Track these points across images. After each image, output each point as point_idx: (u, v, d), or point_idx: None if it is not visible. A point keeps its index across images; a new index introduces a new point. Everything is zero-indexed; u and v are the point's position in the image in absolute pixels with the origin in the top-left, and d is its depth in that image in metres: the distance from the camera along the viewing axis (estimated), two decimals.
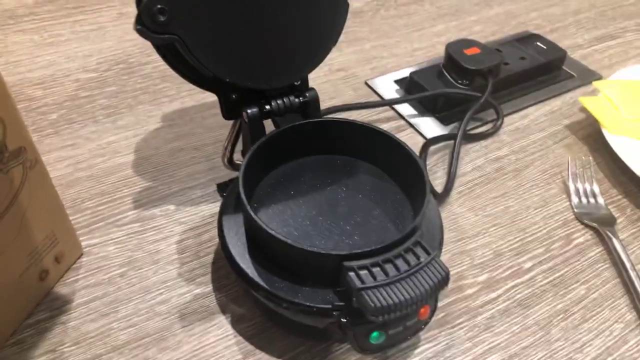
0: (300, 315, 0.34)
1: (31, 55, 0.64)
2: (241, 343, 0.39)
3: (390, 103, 0.60)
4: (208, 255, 0.44)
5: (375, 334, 0.34)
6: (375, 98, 0.62)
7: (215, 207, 0.48)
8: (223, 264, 0.43)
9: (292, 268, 0.35)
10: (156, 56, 0.39)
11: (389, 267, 0.33)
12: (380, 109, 0.60)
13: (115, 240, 0.45)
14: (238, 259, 0.36)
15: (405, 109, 0.60)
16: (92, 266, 0.43)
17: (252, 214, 0.34)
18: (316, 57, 0.43)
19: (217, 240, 0.45)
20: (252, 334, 0.39)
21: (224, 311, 0.40)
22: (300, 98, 0.43)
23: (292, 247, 0.33)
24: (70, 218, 0.45)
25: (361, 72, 0.65)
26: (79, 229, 0.45)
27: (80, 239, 0.44)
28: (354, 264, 0.32)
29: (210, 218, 0.47)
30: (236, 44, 0.38)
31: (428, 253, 0.33)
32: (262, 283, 0.35)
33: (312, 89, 0.44)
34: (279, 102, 0.42)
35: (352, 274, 0.32)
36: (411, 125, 0.58)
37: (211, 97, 0.59)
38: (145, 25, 0.34)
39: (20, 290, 0.37)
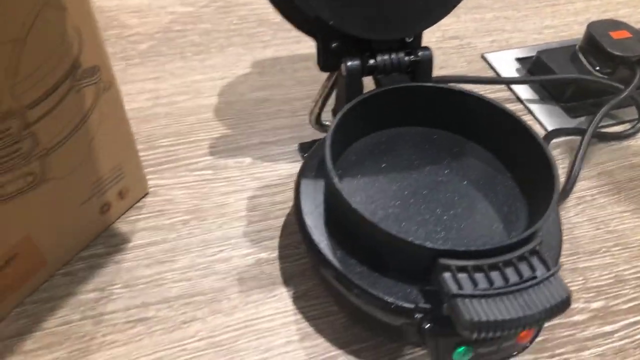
0: (374, 308, 0.29)
1: None
2: (300, 322, 0.34)
3: (509, 82, 0.52)
4: (278, 219, 0.40)
5: (461, 349, 0.28)
6: (491, 74, 0.54)
7: (294, 167, 0.43)
8: (293, 231, 0.39)
9: (374, 253, 0.29)
10: None
11: (495, 275, 0.26)
12: (495, 87, 0.52)
13: (185, 184, 0.41)
14: (312, 229, 0.31)
15: (525, 91, 0.52)
16: (156, 208, 0.40)
17: (337, 183, 0.29)
18: (434, 14, 0.36)
19: (290, 203, 0.41)
20: (314, 315, 0.34)
21: (286, 283, 0.36)
22: (411, 56, 0.36)
23: (380, 230, 0.27)
24: (143, 154, 0.43)
25: (478, 44, 0.57)
26: (149, 166, 0.42)
27: (149, 177, 0.41)
28: (453, 263, 0.26)
29: (287, 179, 0.42)
30: None
31: (547, 267, 0.26)
32: (336, 263, 0.30)
33: (426, 48, 0.37)
34: (385, 57, 0.36)
35: (447, 274, 0.26)
36: (530, 112, 0.50)
37: (306, 49, 0.54)
38: None
39: (79, 220, 0.35)
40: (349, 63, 0.35)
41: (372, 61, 0.35)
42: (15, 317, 0.33)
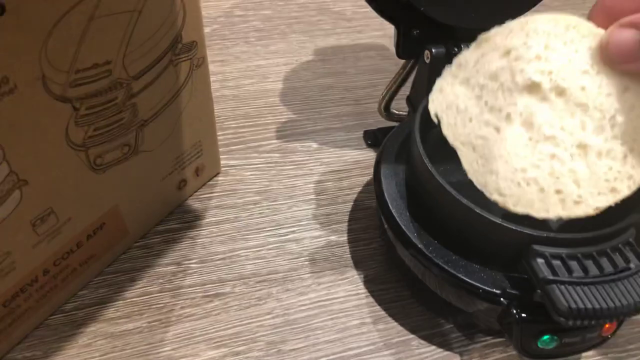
0: (459, 292, 0.29)
1: None
2: (373, 305, 0.34)
3: None
4: (346, 204, 0.40)
5: (546, 337, 0.28)
6: None
7: (359, 154, 0.44)
8: (361, 216, 0.39)
9: (462, 237, 0.29)
10: None
11: (589, 264, 0.26)
12: None
13: (254, 166, 0.42)
14: (395, 213, 0.31)
15: None
16: (228, 187, 0.40)
17: (428, 163, 0.29)
18: (523, 4, 0.36)
19: (357, 189, 0.41)
20: (386, 299, 0.35)
21: (357, 266, 0.36)
22: None
23: (474, 213, 0.27)
24: None
25: None
26: (219, 147, 0.43)
27: (220, 157, 0.42)
28: (547, 250, 0.26)
29: (352, 165, 0.43)
30: None
31: None
32: (421, 246, 0.30)
33: None
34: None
35: (541, 260, 0.26)
36: None
37: (367, 39, 0.55)
38: None
39: (158, 194, 0.36)
40: (434, 50, 0.35)
41: (456, 49, 0.36)
42: (96, 286, 0.34)
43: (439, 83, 0.29)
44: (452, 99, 0.28)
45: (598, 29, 0.26)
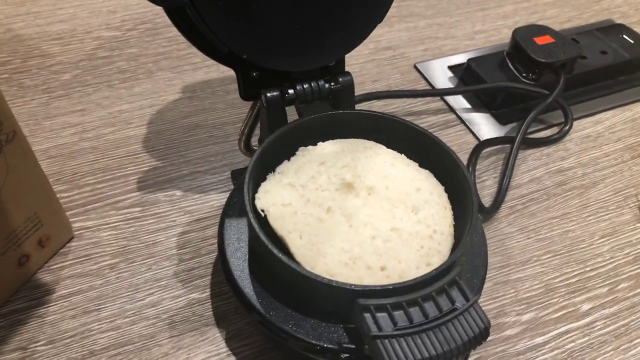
0: (301, 350, 0.29)
1: (54, 7, 0.59)
2: None
3: (442, 93, 0.52)
4: (210, 255, 0.39)
5: None
6: (424, 85, 0.54)
7: (225, 197, 0.42)
8: None
9: (297, 294, 0.29)
10: None
11: (414, 311, 0.26)
12: (429, 98, 0.52)
13: (111, 225, 0.40)
14: (236, 272, 0.31)
15: (458, 101, 0.52)
16: (82, 253, 0.38)
17: (255, 224, 0.28)
18: (357, 36, 0.36)
19: None
20: (248, 355, 0.34)
21: (219, 324, 0.35)
22: (332, 84, 0.36)
23: (295, 272, 0.27)
24: (67, 195, 0.41)
25: (411, 53, 0.57)
26: (74, 207, 0.41)
27: (74, 219, 0.40)
28: (371, 302, 0.26)
29: (218, 210, 0.41)
30: (257, 13, 0.31)
31: (467, 298, 0.27)
32: (259, 307, 0.29)
33: (347, 73, 0.37)
34: (306, 87, 0.35)
35: (367, 315, 0.26)
36: (462, 121, 0.50)
37: None
38: None
39: None
40: (268, 94, 0.34)
41: (291, 91, 0.35)
42: None
43: (264, 187, 0.32)
44: (277, 198, 0.31)
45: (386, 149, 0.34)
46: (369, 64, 0.56)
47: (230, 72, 0.52)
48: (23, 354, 0.33)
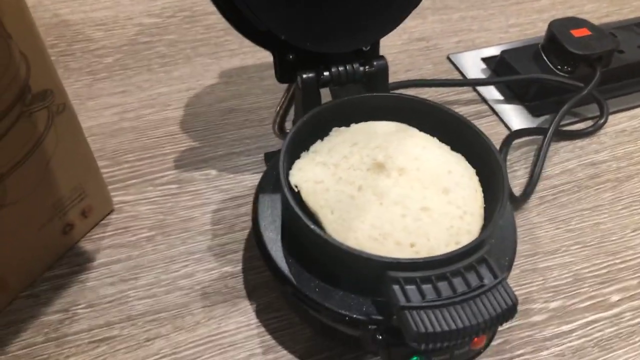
0: (330, 321, 0.30)
1: None
2: (263, 335, 0.34)
3: (474, 83, 0.52)
4: (243, 231, 0.40)
5: (414, 358, 0.28)
6: (457, 76, 0.54)
7: (259, 177, 0.43)
8: None
9: (328, 266, 0.30)
10: None
11: (442, 285, 0.27)
12: (461, 89, 0.52)
13: (149, 199, 0.42)
14: (269, 243, 0.32)
15: (491, 92, 0.52)
16: (121, 225, 0.40)
17: (289, 196, 0.29)
18: (392, 21, 0.36)
19: None
20: (277, 327, 0.35)
21: (250, 296, 0.36)
22: (366, 67, 0.37)
23: (328, 243, 0.27)
24: (108, 170, 0.43)
25: (444, 45, 0.57)
26: (114, 182, 0.42)
27: (114, 194, 0.41)
28: (401, 275, 0.27)
29: (252, 189, 0.42)
30: None
31: (495, 275, 0.27)
32: (292, 278, 0.30)
33: (382, 57, 0.37)
34: (341, 69, 0.36)
35: (396, 287, 0.26)
36: (494, 112, 0.50)
37: (272, 57, 0.54)
38: None
39: (40, 242, 0.35)
40: (304, 76, 0.35)
41: (326, 73, 0.36)
42: None
43: (298, 164, 0.33)
44: (310, 175, 0.32)
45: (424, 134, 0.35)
46: (402, 54, 0.56)
47: (266, 59, 0.54)
48: (65, 315, 0.35)
